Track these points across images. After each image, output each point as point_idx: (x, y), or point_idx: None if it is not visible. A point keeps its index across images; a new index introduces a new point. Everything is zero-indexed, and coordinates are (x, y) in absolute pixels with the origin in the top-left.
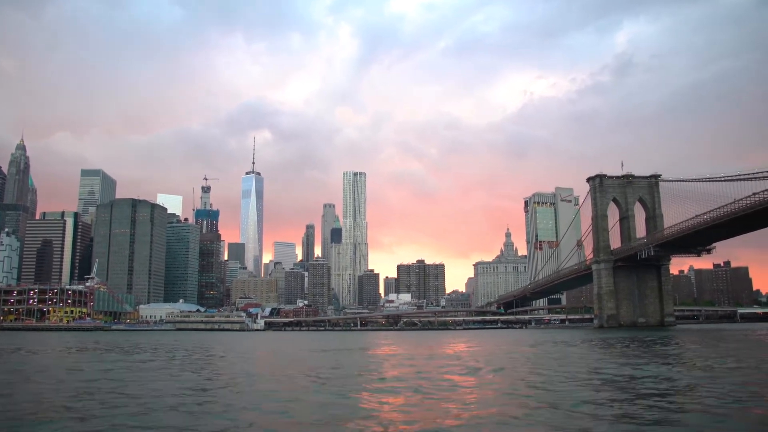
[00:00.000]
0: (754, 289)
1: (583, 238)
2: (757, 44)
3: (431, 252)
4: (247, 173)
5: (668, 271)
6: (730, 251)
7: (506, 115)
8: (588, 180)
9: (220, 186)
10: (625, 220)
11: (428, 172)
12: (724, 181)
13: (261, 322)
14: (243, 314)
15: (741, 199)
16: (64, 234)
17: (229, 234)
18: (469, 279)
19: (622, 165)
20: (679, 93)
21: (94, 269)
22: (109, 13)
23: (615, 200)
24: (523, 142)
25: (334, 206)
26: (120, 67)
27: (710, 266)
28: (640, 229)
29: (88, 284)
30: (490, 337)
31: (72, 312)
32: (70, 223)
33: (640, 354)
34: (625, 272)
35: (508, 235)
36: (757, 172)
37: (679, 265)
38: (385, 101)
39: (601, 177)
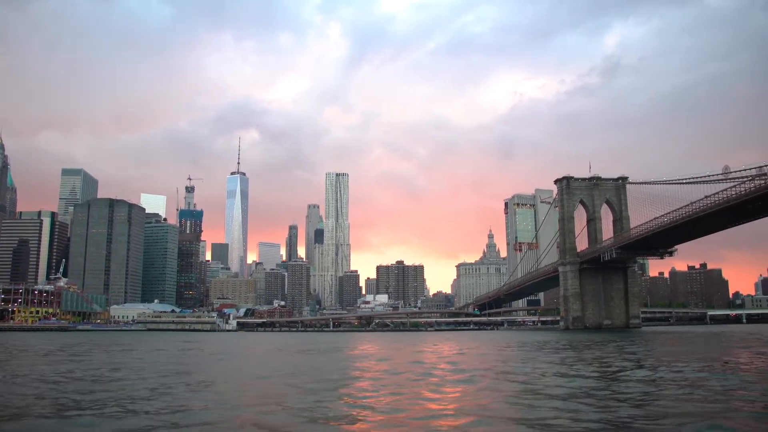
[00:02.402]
0: (734, 290)
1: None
2: (745, 46)
3: (420, 252)
4: (232, 173)
5: (635, 273)
6: (717, 252)
7: (496, 115)
8: (555, 182)
9: (205, 186)
10: (592, 222)
11: (417, 172)
12: (688, 183)
13: (233, 323)
14: (215, 315)
15: (694, 202)
16: (40, 233)
17: (213, 234)
18: (455, 280)
19: (590, 167)
20: (667, 95)
21: (61, 269)
22: (97, 10)
23: (582, 202)
24: (513, 143)
25: (318, 207)
26: (108, 64)
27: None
28: (608, 232)
29: (59, 284)
30: (453, 337)
31: (38, 312)
32: (46, 222)
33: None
34: (591, 274)
35: (490, 236)
36: (712, 174)
37: (660, 266)
38: (375, 101)
39: (568, 179)
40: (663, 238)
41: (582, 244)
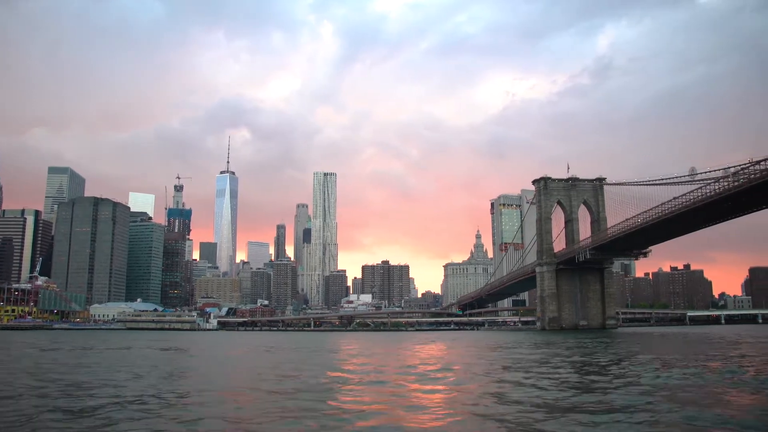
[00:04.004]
0: (720, 291)
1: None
2: (735, 48)
3: (411, 252)
4: (221, 172)
5: (611, 273)
6: (707, 254)
7: (488, 116)
8: (533, 182)
9: (195, 185)
10: (570, 223)
11: (409, 172)
12: (663, 184)
13: (214, 322)
14: (194, 314)
15: (663, 204)
16: (24, 232)
17: (202, 233)
18: (443, 280)
19: (568, 167)
20: (658, 96)
21: (38, 268)
22: (90, 7)
23: (560, 203)
24: (504, 143)
25: (307, 206)
26: (99, 62)
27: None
28: (586, 232)
29: (37, 282)
30: (424, 337)
31: (14, 311)
32: (30, 221)
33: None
34: (568, 275)
35: (478, 236)
36: (680, 176)
37: (646, 267)
38: (367, 101)
39: (545, 180)
40: (636, 239)
41: (561, 244)
